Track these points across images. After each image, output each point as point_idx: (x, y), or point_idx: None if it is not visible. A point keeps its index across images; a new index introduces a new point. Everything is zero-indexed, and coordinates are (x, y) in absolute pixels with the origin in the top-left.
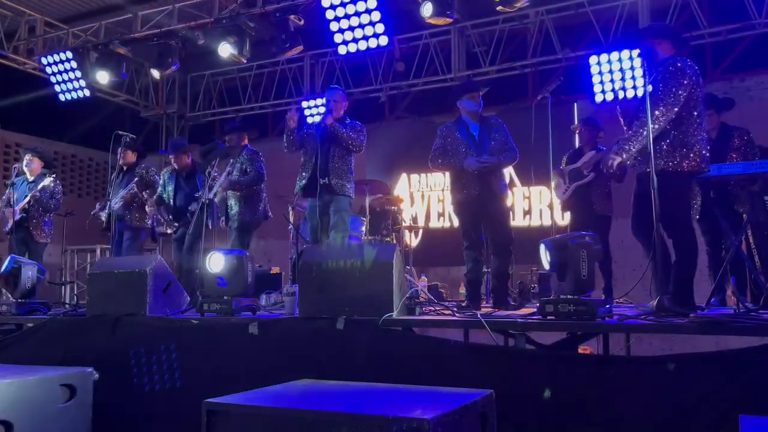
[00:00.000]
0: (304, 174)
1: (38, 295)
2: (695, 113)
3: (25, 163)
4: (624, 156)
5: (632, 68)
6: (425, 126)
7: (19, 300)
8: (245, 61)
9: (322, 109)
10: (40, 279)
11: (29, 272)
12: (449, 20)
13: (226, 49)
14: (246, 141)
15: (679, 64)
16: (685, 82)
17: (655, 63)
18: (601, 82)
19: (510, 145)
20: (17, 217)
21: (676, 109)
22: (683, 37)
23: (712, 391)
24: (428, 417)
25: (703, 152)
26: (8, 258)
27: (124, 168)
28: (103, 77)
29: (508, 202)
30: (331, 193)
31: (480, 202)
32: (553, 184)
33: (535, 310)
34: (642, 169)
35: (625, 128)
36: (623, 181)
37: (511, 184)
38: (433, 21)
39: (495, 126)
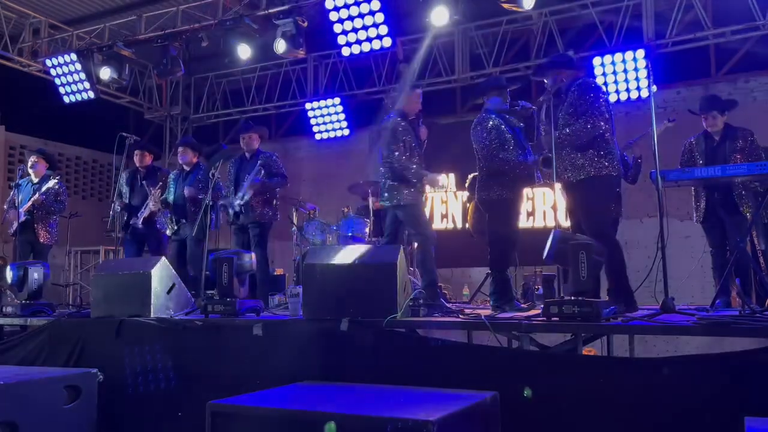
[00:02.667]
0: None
1: (43, 297)
2: (608, 122)
3: (30, 164)
4: None
5: (636, 69)
6: (428, 127)
7: (24, 301)
8: (244, 64)
9: (327, 110)
10: (46, 279)
11: (35, 274)
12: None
13: (246, 50)
14: (258, 143)
15: (584, 82)
16: (601, 95)
17: (561, 90)
18: (605, 84)
19: None
20: (22, 218)
21: (600, 123)
22: (581, 63)
23: (718, 393)
24: (432, 418)
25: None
26: (10, 267)
27: (142, 171)
28: (105, 72)
29: None
30: None
31: None
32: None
33: (539, 311)
34: (574, 178)
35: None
36: (636, 182)
37: None
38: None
39: None
